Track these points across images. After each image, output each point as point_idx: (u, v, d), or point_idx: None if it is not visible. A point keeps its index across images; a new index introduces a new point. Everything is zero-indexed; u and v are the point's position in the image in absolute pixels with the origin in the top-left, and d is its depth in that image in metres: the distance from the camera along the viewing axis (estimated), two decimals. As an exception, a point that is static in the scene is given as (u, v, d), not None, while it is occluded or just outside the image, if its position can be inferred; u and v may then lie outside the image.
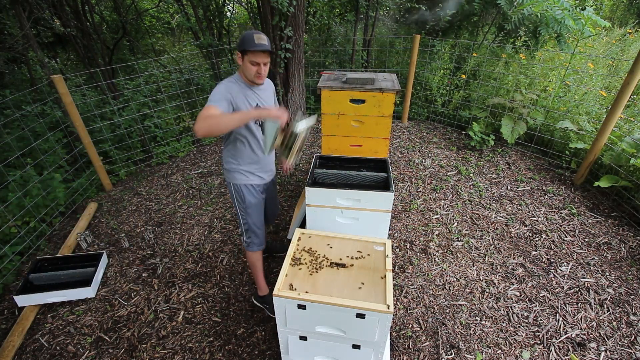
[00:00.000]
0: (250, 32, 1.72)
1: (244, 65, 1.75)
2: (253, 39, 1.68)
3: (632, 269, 2.47)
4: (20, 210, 2.85)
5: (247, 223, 2.07)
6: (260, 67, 1.74)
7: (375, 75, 2.68)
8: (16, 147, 3.05)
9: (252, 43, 1.67)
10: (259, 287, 2.27)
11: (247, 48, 1.68)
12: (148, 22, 6.70)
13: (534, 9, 3.88)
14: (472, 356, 1.99)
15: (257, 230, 2.10)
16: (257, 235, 2.11)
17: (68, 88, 3.13)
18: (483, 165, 3.69)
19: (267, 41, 1.71)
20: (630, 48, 5.18)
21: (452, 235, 2.84)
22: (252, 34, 1.70)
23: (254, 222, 2.07)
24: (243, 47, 1.70)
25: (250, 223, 2.07)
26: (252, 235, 2.11)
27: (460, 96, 4.50)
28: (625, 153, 2.98)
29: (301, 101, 4.49)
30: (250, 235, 2.11)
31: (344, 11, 5.60)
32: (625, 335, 2.06)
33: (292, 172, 3.78)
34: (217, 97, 1.67)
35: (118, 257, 2.80)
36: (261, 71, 1.75)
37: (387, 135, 2.52)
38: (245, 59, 1.73)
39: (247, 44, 1.68)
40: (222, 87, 1.72)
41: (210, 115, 1.56)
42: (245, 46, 1.68)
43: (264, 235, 2.18)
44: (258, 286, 2.27)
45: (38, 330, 2.25)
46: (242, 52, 1.72)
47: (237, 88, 1.77)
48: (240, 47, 1.72)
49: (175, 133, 4.36)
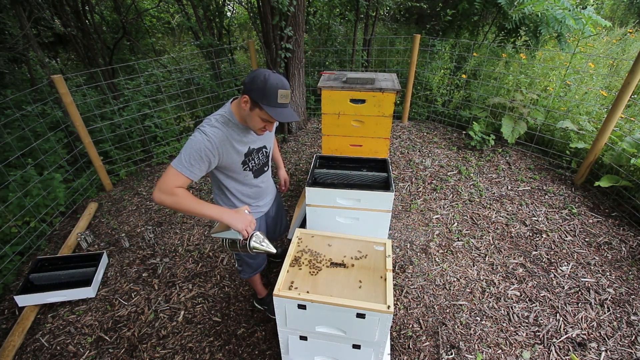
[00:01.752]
0: (274, 82, 1.32)
1: (250, 114, 1.39)
2: (276, 95, 1.33)
3: (633, 268, 2.46)
4: (21, 210, 2.85)
5: (241, 259, 1.91)
6: (270, 125, 1.45)
7: (375, 75, 2.68)
8: (16, 147, 3.05)
9: (274, 101, 1.34)
10: (258, 291, 2.23)
11: (263, 104, 1.34)
12: (148, 22, 6.70)
13: (534, 8, 3.87)
14: (472, 356, 1.99)
15: (252, 262, 1.93)
16: (251, 265, 1.94)
17: (68, 88, 3.12)
18: (483, 165, 3.69)
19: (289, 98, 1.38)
20: (631, 48, 5.17)
21: (453, 235, 2.84)
22: (277, 88, 1.32)
23: (249, 257, 1.90)
24: (259, 98, 1.34)
25: (244, 257, 1.90)
26: (245, 266, 1.94)
27: (460, 96, 4.50)
28: (626, 153, 2.98)
29: (301, 101, 4.49)
30: (242, 264, 1.94)
31: (344, 11, 5.59)
32: (625, 335, 2.06)
33: (292, 172, 3.78)
34: (189, 159, 1.35)
35: (118, 257, 2.80)
36: (269, 128, 1.47)
37: (388, 135, 2.52)
38: (255, 111, 1.38)
39: (266, 99, 1.33)
40: (200, 142, 1.35)
41: (173, 192, 1.33)
42: (263, 100, 1.33)
43: (261, 259, 2.01)
44: (256, 291, 2.24)
45: (38, 330, 2.25)
46: (254, 102, 1.36)
47: (225, 134, 1.42)
48: (254, 95, 1.34)
49: (175, 133, 4.36)
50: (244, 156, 1.54)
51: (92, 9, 4.74)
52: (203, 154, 1.37)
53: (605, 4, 7.22)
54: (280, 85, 1.34)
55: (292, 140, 4.45)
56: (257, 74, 1.35)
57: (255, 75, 1.35)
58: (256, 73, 1.36)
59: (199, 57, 6.28)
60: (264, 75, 1.34)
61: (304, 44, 4.22)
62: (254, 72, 1.36)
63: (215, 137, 1.39)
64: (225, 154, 1.45)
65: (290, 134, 4.55)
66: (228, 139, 1.44)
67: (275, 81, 1.33)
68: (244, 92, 1.39)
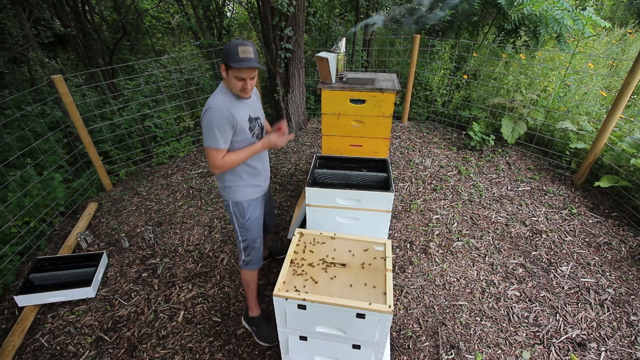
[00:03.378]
0: (235, 42, 1.55)
1: (229, 78, 1.62)
2: (237, 52, 1.52)
3: (633, 269, 2.47)
4: (21, 210, 2.85)
5: (247, 240, 1.96)
6: (245, 82, 1.62)
7: (375, 75, 2.68)
8: (16, 147, 3.05)
9: (236, 57, 1.53)
10: (250, 307, 2.12)
11: (230, 63, 1.54)
12: (148, 22, 6.70)
13: (534, 8, 3.88)
14: (472, 356, 1.99)
15: (257, 245, 2.00)
16: (257, 250, 2.01)
17: (68, 88, 3.12)
18: (483, 165, 3.69)
19: (253, 53, 1.57)
20: (631, 48, 5.17)
21: (452, 235, 2.84)
22: (237, 45, 1.53)
23: (253, 238, 1.97)
24: (226, 60, 1.55)
25: (250, 239, 1.96)
26: (252, 252, 1.99)
27: (460, 96, 4.50)
28: (626, 153, 2.98)
29: (301, 101, 4.49)
30: (250, 252, 1.99)
31: (344, 11, 5.60)
32: (625, 336, 2.06)
33: (292, 172, 3.78)
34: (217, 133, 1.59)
35: (118, 257, 2.80)
36: (247, 86, 1.63)
37: (387, 135, 2.52)
38: (230, 74, 1.59)
39: (231, 58, 1.53)
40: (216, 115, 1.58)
41: (224, 163, 1.66)
42: (229, 60, 1.54)
43: (262, 253, 2.07)
44: (249, 306, 2.12)
45: (38, 330, 2.25)
46: (226, 66, 1.58)
47: (228, 100, 1.65)
48: (225, 60, 1.57)
49: (175, 133, 4.36)
50: (248, 122, 1.73)
51: (92, 9, 4.74)
52: (225, 121, 1.59)
53: (604, 4, 7.23)
54: (240, 44, 1.54)
55: (292, 140, 4.45)
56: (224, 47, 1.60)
57: (224, 46, 1.61)
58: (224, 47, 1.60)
59: (198, 57, 6.28)
60: (228, 44, 1.58)
61: (303, 44, 4.22)
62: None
63: (223, 105, 1.60)
64: (237, 114, 1.64)
65: (290, 134, 4.55)
66: (232, 104, 1.65)
67: (235, 42, 1.54)
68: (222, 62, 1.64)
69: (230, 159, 1.68)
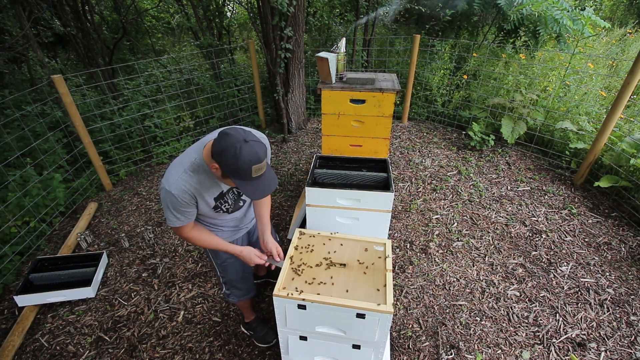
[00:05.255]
0: (247, 158, 1.16)
1: (218, 175, 1.30)
2: (250, 172, 1.19)
3: (632, 269, 2.47)
4: (20, 210, 2.85)
5: (226, 279, 1.84)
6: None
7: (375, 75, 2.68)
8: (16, 147, 3.05)
9: (248, 177, 1.21)
10: (245, 315, 2.14)
11: (236, 179, 1.22)
12: (148, 22, 6.70)
13: (533, 8, 3.88)
14: (472, 356, 1.99)
15: (239, 284, 1.87)
16: (240, 288, 1.88)
17: (68, 88, 3.13)
18: (483, 165, 3.69)
19: (265, 167, 1.25)
20: (630, 48, 5.17)
21: (452, 235, 2.84)
22: (250, 164, 1.17)
23: (234, 279, 1.83)
24: (231, 175, 1.21)
25: (229, 279, 1.83)
26: (233, 289, 1.87)
27: (460, 96, 4.50)
28: (625, 153, 2.98)
29: (301, 101, 4.49)
30: (231, 288, 1.87)
31: (344, 11, 5.60)
32: (625, 336, 2.06)
33: (292, 172, 3.78)
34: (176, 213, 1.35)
35: (118, 257, 2.80)
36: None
37: (387, 135, 2.52)
38: (228, 179, 1.27)
39: (240, 176, 1.20)
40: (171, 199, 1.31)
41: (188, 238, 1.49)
42: (236, 177, 1.21)
43: (250, 285, 1.94)
44: (244, 314, 2.14)
45: (38, 330, 2.25)
46: (227, 174, 1.23)
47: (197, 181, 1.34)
48: (224, 169, 1.21)
49: (175, 133, 4.36)
50: (214, 201, 1.46)
51: (92, 9, 4.74)
52: (183, 205, 1.34)
53: (604, 4, 7.23)
54: (255, 161, 1.18)
55: (292, 140, 4.45)
56: (226, 146, 1.16)
57: (224, 149, 1.17)
58: (225, 145, 1.17)
59: (198, 57, 6.28)
60: (235, 149, 1.16)
61: (303, 44, 4.22)
62: (223, 143, 1.18)
63: (183, 191, 1.31)
64: (200, 197, 1.40)
65: (290, 134, 4.55)
66: (200, 184, 1.36)
67: (247, 157, 1.16)
68: (213, 156, 1.22)
69: (199, 238, 1.50)
